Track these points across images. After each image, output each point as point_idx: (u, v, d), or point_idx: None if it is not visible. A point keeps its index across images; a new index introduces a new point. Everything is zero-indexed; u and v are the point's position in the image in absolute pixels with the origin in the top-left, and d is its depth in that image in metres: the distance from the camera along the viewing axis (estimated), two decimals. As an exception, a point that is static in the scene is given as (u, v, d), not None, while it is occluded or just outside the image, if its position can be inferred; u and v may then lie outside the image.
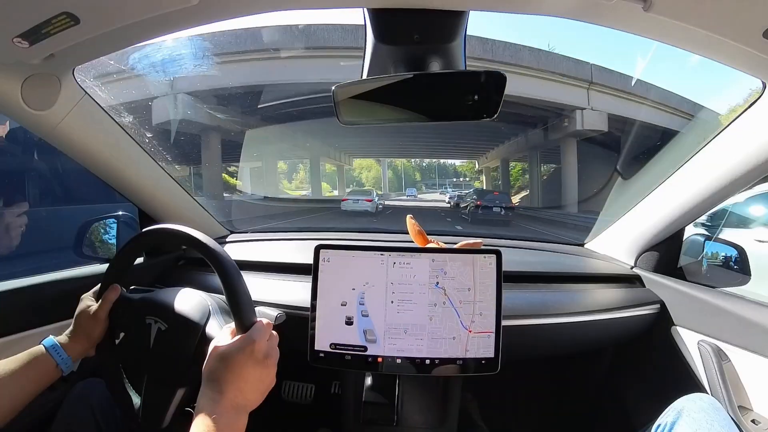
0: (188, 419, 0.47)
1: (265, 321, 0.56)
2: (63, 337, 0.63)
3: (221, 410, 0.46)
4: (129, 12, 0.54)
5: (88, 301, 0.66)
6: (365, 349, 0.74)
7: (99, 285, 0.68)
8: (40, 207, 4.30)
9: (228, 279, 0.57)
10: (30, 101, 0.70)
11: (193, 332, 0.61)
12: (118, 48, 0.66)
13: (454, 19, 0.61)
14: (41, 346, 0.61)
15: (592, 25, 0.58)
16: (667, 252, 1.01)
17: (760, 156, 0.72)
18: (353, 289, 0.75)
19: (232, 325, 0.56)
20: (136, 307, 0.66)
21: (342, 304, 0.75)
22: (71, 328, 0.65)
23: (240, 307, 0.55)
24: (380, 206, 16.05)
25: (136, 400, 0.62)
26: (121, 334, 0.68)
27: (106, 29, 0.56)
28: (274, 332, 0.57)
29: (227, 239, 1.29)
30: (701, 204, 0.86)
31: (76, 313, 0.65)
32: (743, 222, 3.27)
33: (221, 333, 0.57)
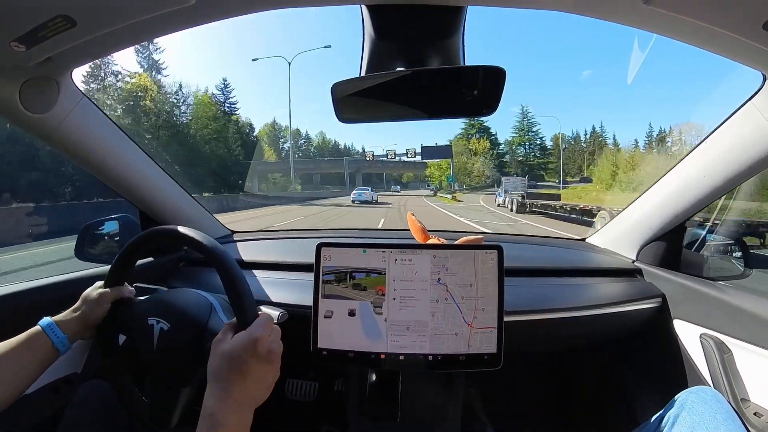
0: (196, 418, 0.47)
1: (265, 315, 0.56)
2: (61, 316, 0.64)
3: (228, 409, 0.47)
4: (125, 13, 0.54)
5: (96, 285, 0.67)
6: (368, 346, 0.74)
7: (108, 273, 0.69)
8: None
9: (227, 274, 0.57)
10: (29, 104, 0.69)
11: (196, 330, 0.61)
12: (116, 49, 0.66)
13: (453, 14, 0.60)
14: (38, 326, 0.61)
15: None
16: (668, 245, 1.01)
17: (762, 147, 0.72)
18: (355, 287, 0.75)
19: (234, 320, 0.56)
20: (138, 309, 0.66)
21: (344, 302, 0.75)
22: (73, 306, 0.66)
23: (241, 302, 0.55)
24: (376, 198, 21.16)
25: (144, 401, 0.62)
26: (125, 338, 0.68)
27: (102, 31, 0.56)
28: (276, 326, 0.57)
29: (229, 239, 1.29)
30: (703, 197, 0.86)
31: (83, 294, 0.66)
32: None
33: (223, 330, 0.56)
